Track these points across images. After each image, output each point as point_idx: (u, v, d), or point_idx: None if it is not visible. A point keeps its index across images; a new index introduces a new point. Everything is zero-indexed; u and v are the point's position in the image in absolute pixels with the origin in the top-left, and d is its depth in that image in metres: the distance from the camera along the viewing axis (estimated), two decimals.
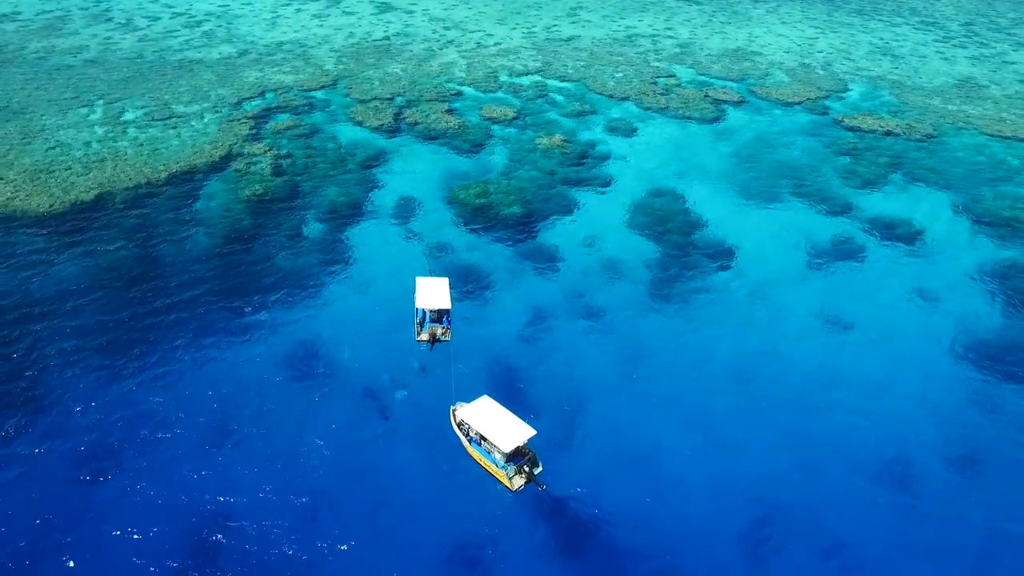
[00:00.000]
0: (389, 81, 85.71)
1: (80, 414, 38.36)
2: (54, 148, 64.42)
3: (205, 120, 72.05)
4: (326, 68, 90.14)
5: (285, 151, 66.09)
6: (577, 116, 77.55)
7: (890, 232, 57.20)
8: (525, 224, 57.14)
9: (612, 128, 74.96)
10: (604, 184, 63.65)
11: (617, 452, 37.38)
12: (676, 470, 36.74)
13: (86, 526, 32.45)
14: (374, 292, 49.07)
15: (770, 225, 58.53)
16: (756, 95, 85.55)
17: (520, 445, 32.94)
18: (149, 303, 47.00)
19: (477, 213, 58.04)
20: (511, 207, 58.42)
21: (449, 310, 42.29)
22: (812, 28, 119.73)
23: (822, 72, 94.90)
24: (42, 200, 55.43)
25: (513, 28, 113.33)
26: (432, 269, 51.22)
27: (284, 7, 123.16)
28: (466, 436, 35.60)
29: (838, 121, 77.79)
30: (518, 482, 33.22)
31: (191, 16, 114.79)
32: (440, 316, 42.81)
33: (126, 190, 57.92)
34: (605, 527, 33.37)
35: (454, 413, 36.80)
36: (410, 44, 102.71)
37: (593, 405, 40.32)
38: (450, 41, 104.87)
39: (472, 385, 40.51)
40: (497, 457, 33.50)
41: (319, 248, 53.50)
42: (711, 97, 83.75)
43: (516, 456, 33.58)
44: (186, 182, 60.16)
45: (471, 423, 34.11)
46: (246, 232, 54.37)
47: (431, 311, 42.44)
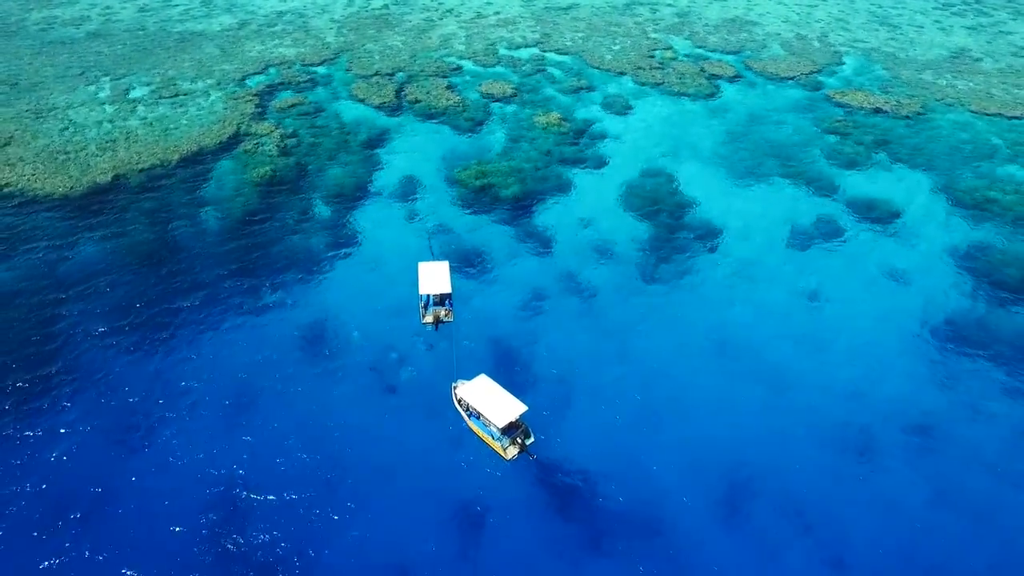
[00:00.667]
0: (390, 55, 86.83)
1: (113, 390, 42.07)
2: (67, 128, 66.53)
3: (211, 98, 73.82)
4: (327, 41, 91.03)
5: (291, 130, 68.21)
6: (574, 92, 79.19)
7: (870, 213, 60.00)
8: (523, 205, 59.88)
9: (608, 105, 76.75)
10: (599, 164, 66.05)
11: (603, 422, 41.22)
12: (658, 437, 40.62)
13: (126, 493, 36.47)
14: (381, 273, 52.24)
15: (757, 206, 61.26)
16: (752, 69, 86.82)
17: (513, 420, 36.72)
18: (170, 284, 50.27)
19: (477, 194, 60.71)
20: (509, 188, 61.03)
21: (450, 294, 45.58)
22: None
23: (818, 44, 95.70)
24: (62, 182, 58.02)
25: None
26: (434, 250, 54.29)
27: None
28: (465, 411, 39.43)
29: (829, 97, 79.46)
30: (512, 452, 37.17)
31: None
32: (442, 299, 46.19)
33: (140, 171, 60.44)
34: (589, 489, 37.45)
35: (455, 390, 40.54)
36: (409, 14, 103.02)
37: (582, 379, 44.01)
38: (449, 10, 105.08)
39: (472, 362, 44.15)
40: (493, 430, 37.34)
41: (327, 229, 56.43)
42: (707, 72, 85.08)
43: (510, 429, 37.43)
44: (197, 163, 62.59)
45: (469, 400, 37.87)
46: (257, 214, 57.18)
47: (434, 295, 45.76)
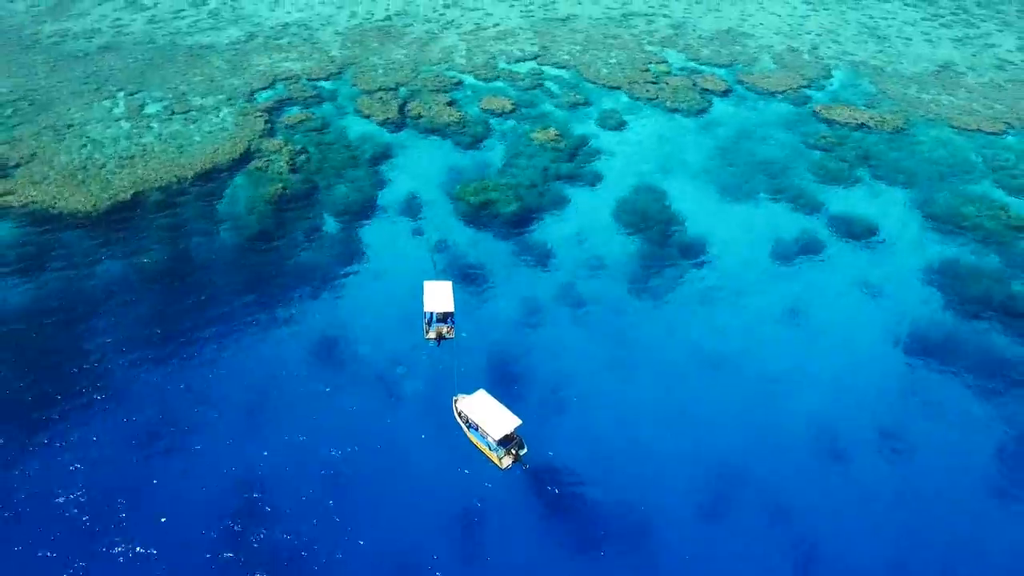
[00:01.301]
0: (393, 69, 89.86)
1: (138, 401, 45.54)
2: (86, 145, 69.75)
3: (222, 114, 76.99)
4: (332, 54, 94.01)
5: (299, 147, 71.41)
6: (571, 108, 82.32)
7: (849, 229, 63.32)
8: (521, 221, 63.21)
9: (603, 121, 79.90)
10: (593, 181, 69.32)
11: (593, 432, 44.71)
12: (646, 445, 44.06)
13: (151, 498, 40.01)
14: (386, 288, 55.63)
15: (742, 222, 64.57)
16: (742, 84, 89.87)
17: (508, 432, 40.26)
18: (190, 300, 53.68)
19: (477, 211, 64.01)
20: (508, 205, 64.33)
21: (452, 312, 49.03)
22: (804, 4, 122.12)
23: (808, 57, 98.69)
24: (85, 200, 61.31)
25: (511, 5, 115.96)
26: (437, 265, 57.67)
27: None
28: (465, 423, 42.97)
29: (816, 112, 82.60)
30: (507, 461, 40.74)
31: None
32: (445, 317, 49.67)
33: (158, 189, 63.72)
34: (579, 495, 41.00)
35: (455, 403, 44.05)
36: (411, 25, 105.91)
37: (575, 390, 47.48)
38: (450, 21, 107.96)
39: (472, 376, 47.64)
40: (490, 441, 40.90)
41: (336, 246, 59.78)
42: (699, 86, 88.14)
43: (506, 441, 40.98)
44: (211, 180, 65.86)
45: (469, 413, 41.39)
46: (269, 231, 60.51)
47: (437, 313, 49.22)
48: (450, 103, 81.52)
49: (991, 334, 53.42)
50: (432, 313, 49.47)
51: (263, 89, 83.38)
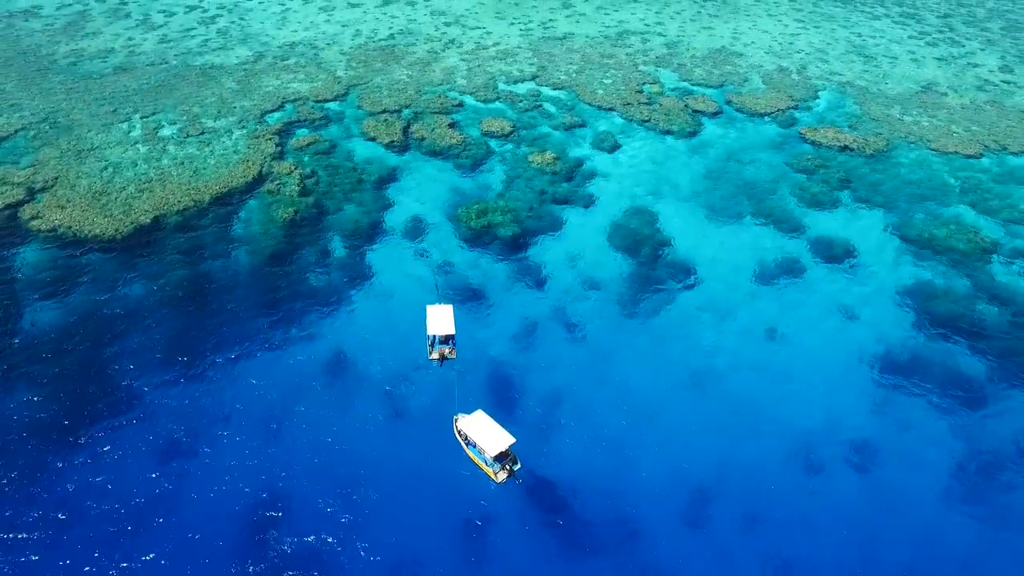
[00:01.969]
0: (396, 90, 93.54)
1: (156, 409, 49.43)
2: (107, 168, 73.46)
3: (234, 136, 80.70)
4: (337, 75, 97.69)
5: (309, 170, 75.14)
6: (567, 129, 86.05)
7: (828, 252, 67.11)
8: (519, 244, 66.98)
9: (598, 143, 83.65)
10: (588, 203, 73.08)
11: (583, 447, 48.54)
12: (633, 459, 47.90)
13: (174, 505, 43.83)
14: (392, 309, 59.41)
15: (728, 244, 68.35)
16: (732, 104, 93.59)
17: (503, 450, 44.22)
18: (208, 320, 57.46)
19: (478, 233, 67.77)
20: (507, 227, 68.09)
21: (454, 335, 52.85)
22: (795, 22, 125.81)
23: (797, 77, 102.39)
24: (108, 224, 65.03)
25: (511, 24, 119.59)
26: (439, 285, 61.42)
27: None
28: (464, 440, 46.88)
29: (802, 135, 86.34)
30: (502, 476, 44.70)
31: (204, 10, 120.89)
32: (447, 339, 53.50)
33: (177, 213, 67.43)
34: (568, 506, 44.87)
35: (456, 422, 47.93)
36: (414, 45, 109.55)
37: (567, 408, 51.31)
38: (451, 40, 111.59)
39: (472, 394, 51.48)
40: (487, 457, 44.82)
41: (345, 267, 63.55)
42: (690, 108, 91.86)
43: (501, 457, 44.93)
44: (226, 203, 69.58)
45: (467, 431, 45.33)
46: (283, 253, 64.27)
47: (440, 335, 53.04)
48: (452, 125, 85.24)
49: (957, 354, 57.24)
50: (435, 336, 53.26)
51: (273, 111, 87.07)
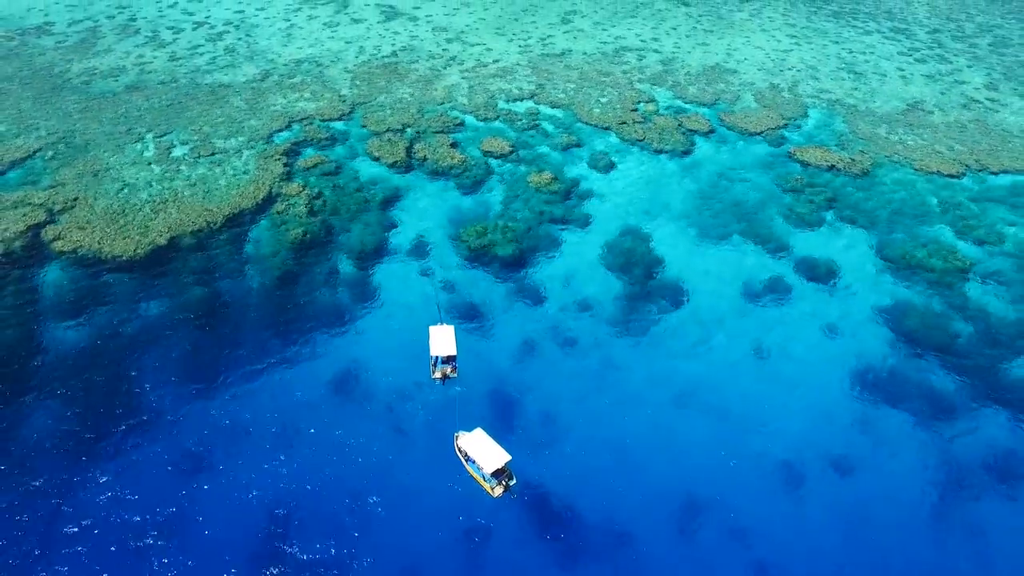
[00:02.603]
0: (399, 109, 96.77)
1: (176, 425, 52.80)
2: (123, 189, 76.77)
3: (244, 157, 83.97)
4: (342, 93, 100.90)
5: (316, 191, 78.40)
6: (565, 149, 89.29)
7: (812, 272, 70.37)
8: (517, 263, 70.27)
9: (594, 162, 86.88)
10: (584, 223, 76.34)
11: (576, 460, 51.83)
12: (623, 472, 51.20)
13: (193, 511, 47.15)
14: (397, 327, 62.67)
15: (717, 264, 71.60)
16: (725, 124, 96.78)
17: (500, 466, 47.66)
18: (222, 337, 60.77)
19: (478, 253, 71.05)
20: (506, 248, 71.37)
21: (455, 355, 56.17)
22: (788, 37, 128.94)
23: (787, 95, 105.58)
24: (127, 245, 68.30)
25: (510, 40, 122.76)
26: (440, 304, 64.67)
27: (295, 14, 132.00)
28: (464, 457, 50.25)
29: (791, 154, 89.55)
30: (498, 491, 48.23)
31: (211, 27, 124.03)
32: (449, 359, 56.80)
33: (191, 233, 70.72)
34: (561, 517, 48.18)
35: (457, 440, 51.30)
36: (416, 62, 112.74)
37: (561, 423, 54.63)
38: (452, 58, 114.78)
39: (472, 411, 54.80)
40: (484, 473, 48.19)
41: (352, 286, 66.85)
42: (684, 127, 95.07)
43: (498, 473, 48.38)
44: (238, 224, 72.87)
45: (467, 449, 48.75)
46: (292, 272, 67.55)
47: (442, 356, 56.35)
48: (453, 144, 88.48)
49: (931, 371, 60.52)
50: (438, 356, 56.56)
51: (280, 131, 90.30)
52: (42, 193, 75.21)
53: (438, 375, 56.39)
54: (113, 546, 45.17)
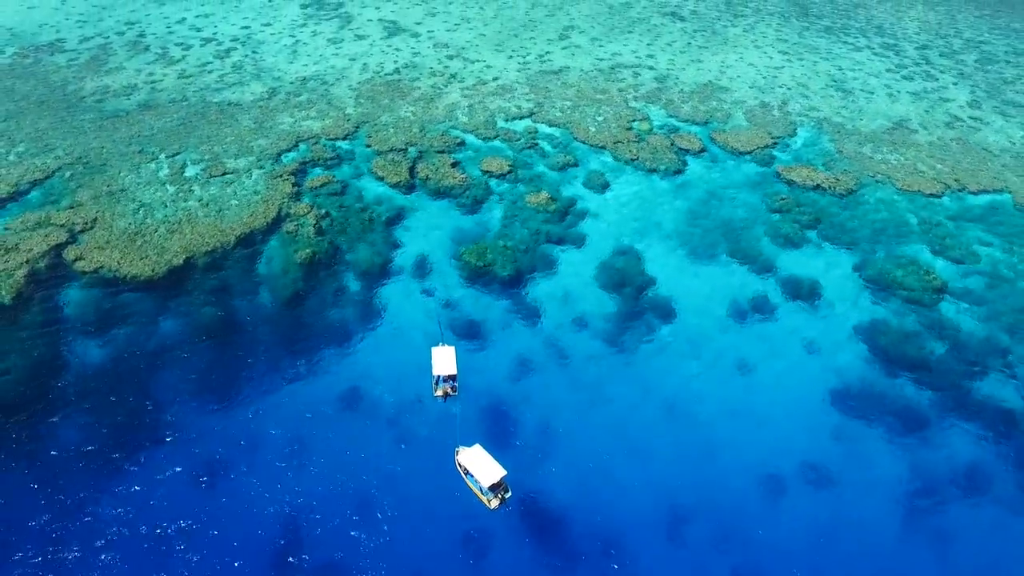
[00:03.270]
0: (402, 128, 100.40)
1: (192, 438, 56.51)
2: (139, 210, 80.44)
3: (253, 176, 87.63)
4: (347, 112, 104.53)
5: (323, 211, 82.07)
6: (561, 169, 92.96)
7: (795, 291, 74.11)
8: (515, 282, 73.98)
9: (589, 182, 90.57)
10: (579, 243, 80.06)
11: (568, 473, 55.60)
12: (614, 481, 54.97)
13: (211, 520, 50.90)
14: (401, 345, 66.37)
15: (705, 282, 75.34)
16: (716, 142, 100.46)
17: (496, 480, 51.56)
18: (236, 354, 64.49)
19: (478, 272, 74.77)
20: (504, 268, 75.08)
21: (456, 375, 59.97)
22: (780, 54, 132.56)
23: (777, 113, 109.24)
24: (145, 265, 71.97)
25: (510, 57, 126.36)
26: (442, 323, 68.35)
27: (300, 29, 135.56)
28: (463, 471, 54.09)
29: (779, 174, 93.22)
30: (494, 503, 52.18)
31: (218, 43, 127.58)
32: (450, 378, 60.59)
33: (206, 254, 74.38)
34: (555, 527, 51.97)
35: (457, 455, 55.12)
36: (418, 79, 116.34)
37: (557, 436, 58.40)
38: (453, 75, 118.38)
39: (472, 423, 58.57)
40: (482, 486, 52.04)
41: (358, 305, 70.56)
42: (676, 145, 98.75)
43: (494, 487, 52.34)
44: (249, 244, 76.55)
45: (466, 463, 52.68)
46: (302, 291, 71.26)
47: (443, 375, 60.14)
48: (454, 164, 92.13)
49: (905, 387, 64.31)
50: (439, 376, 60.32)
51: (288, 150, 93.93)
52: (63, 213, 78.83)
53: (440, 393, 60.15)
54: (140, 555, 48.91)
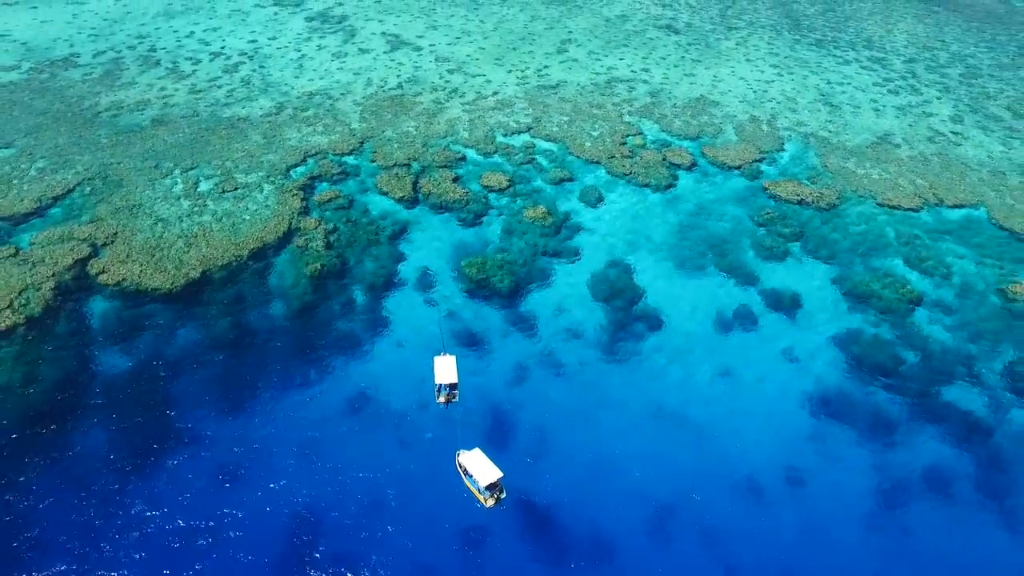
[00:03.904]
0: (405, 143, 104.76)
1: (208, 442, 60.85)
2: (156, 224, 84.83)
3: (264, 192, 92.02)
4: (352, 127, 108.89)
5: (331, 225, 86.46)
6: (558, 183, 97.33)
7: (777, 302, 78.47)
8: (513, 294, 78.37)
9: (584, 196, 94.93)
10: (574, 256, 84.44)
11: (562, 476, 60.00)
12: (604, 483, 59.37)
13: (226, 521, 55.28)
14: (405, 354, 70.76)
15: (693, 294, 79.72)
16: (706, 157, 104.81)
17: (493, 481, 55.98)
18: (250, 362, 68.88)
19: (478, 285, 79.16)
20: (503, 280, 79.47)
21: (457, 383, 64.44)
22: (771, 67, 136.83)
23: (766, 128, 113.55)
24: (164, 278, 76.37)
25: (509, 71, 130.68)
26: (443, 333, 72.75)
27: (305, 43, 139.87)
28: (463, 472, 58.51)
29: (765, 188, 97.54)
30: (491, 502, 56.62)
31: (227, 57, 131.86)
32: (451, 386, 65.03)
33: (221, 267, 78.77)
34: (548, 524, 56.38)
35: (458, 457, 59.52)
36: (420, 94, 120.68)
37: (552, 439, 62.79)
38: (454, 90, 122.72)
39: (472, 427, 62.99)
40: (480, 486, 56.47)
41: (365, 315, 74.96)
42: (668, 160, 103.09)
43: (491, 487, 56.73)
44: (262, 258, 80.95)
45: (466, 465, 57.12)
46: (312, 303, 75.66)
47: (445, 383, 64.61)
48: (455, 179, 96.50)
49: (878, 394, 68.68)
50: (441, 384, 64.78)
51: (296, 165, 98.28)
52: (84, 228, 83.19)
53: (442, 400, 64.58)
54: (166, 552, 53.31)
